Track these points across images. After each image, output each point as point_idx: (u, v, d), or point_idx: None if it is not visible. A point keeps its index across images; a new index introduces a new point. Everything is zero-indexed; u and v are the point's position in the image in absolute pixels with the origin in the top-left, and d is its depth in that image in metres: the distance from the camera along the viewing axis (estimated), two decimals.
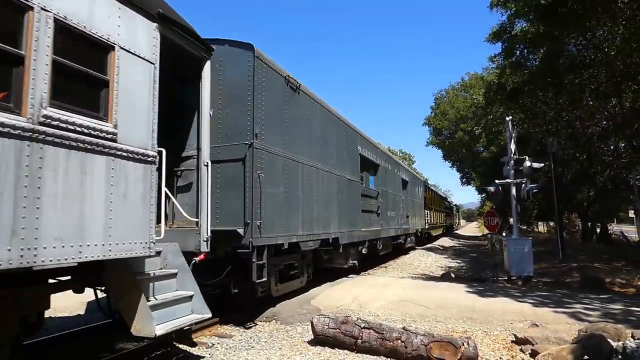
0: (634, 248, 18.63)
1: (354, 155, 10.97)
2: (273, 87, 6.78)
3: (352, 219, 10.29)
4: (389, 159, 15.31)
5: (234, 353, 5.13)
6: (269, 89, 6.58)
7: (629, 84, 15.13)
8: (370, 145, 12.79)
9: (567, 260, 16.50)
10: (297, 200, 7.38)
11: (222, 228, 5.83)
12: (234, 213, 5.93)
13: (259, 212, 6.07)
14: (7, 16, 3.06)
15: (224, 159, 6.12)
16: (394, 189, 15.30)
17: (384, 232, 13.36)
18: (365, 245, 11.47)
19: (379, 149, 13.80)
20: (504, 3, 15.25)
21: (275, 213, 6.62)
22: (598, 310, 6.83)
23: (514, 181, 12.05)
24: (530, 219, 36.73)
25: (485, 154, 32.05)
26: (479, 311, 6.92)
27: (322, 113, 8.93)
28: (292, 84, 7.49)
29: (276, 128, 6.83)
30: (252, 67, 6.16)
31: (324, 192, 8.65)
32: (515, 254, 11.20)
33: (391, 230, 14.51)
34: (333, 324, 5.17)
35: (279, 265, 7.26)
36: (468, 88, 38.05)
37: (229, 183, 6.07)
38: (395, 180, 15.95)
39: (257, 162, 6.08)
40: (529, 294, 8.43)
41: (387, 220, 13.79)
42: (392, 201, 14.75)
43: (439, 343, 4.51)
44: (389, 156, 15.50)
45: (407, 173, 18.85)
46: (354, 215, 10.44)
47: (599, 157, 21.44)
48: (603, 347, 4.39)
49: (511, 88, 17.60)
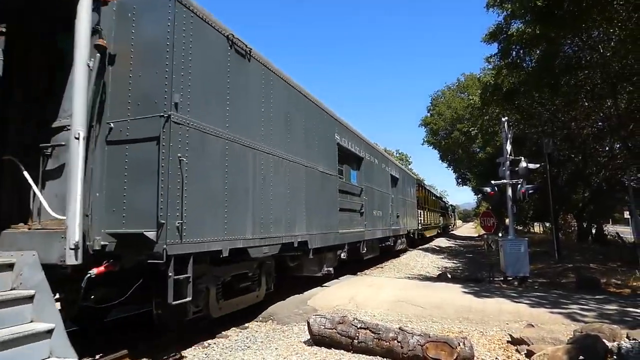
0: (629, 249, 18.70)
1: (330, 145, 9.42)
2: (208, 47, 5.25)
3: (327, 219, 8.85)
4: (375, 153, 13.74)
5: (230, 353, 5.11)
6: (200, 48, 5.05)
7: (624, 85, 15.21)
8: (352, 134, 11.21)
9: (562, 260, 16.57)
10: (245, 195, 5.81)
11: (128, 231, 4.40)
12: (143, 210, 4.38)
13: (180, 209, 4.47)
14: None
15: (133, 138, 4.55)
16: (381, 186, 13.84)
17: (369, 234, 11.95)
18: (344, 249, 10.01)
19: (362, 140, 12.16)
20: (500, 3, 15.31)
21: (208, 211, 5.01)
22: (594, 311, 6.85)
23: (510, 182, 12.08)
24: (526, 219, 36.89)
25: (481, 154, 32.14)
26: (475, 311, 6.93)
27: (285, 90, 7.36)
28: (239, 48, 5.88)
29: (212, 100, 5.25)
30: (172, 15, 4.61)
31: (288, 186, 7.16)
32: (511, 254, 11.23)
33: (378, 231, 13.10)
34: (329, 324, 5.16)
35: (222, 277, 5.83)
36: (464, 89, 38.19)
37: (138, 170, 4.49)
38: (383, 177, 14.47)
39: (177, 141, 4.53)
40: (525, 295, 8.45)
41: (372, 220, 12.45)
42: (379, 199, 13.38)
43: (435, 343, 4.51)
44: (375, 149, 13.79)
45: (397, 169, 17.28)
46: (329, 215, 8.96)
47: (594, 158, 21.55)
48: (598, 347, 4.40)
49: (507, 89, 17.66)
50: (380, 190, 13.70)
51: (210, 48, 5.31)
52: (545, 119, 20.25)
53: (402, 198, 17.57)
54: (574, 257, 18.13)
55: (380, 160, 14.11)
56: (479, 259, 20.07)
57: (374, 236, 12.64)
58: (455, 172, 46.63)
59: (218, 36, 5.50)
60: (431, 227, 30.26)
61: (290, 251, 7.39)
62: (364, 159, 11.96)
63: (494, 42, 17.15)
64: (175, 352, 5.13)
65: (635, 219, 11.74)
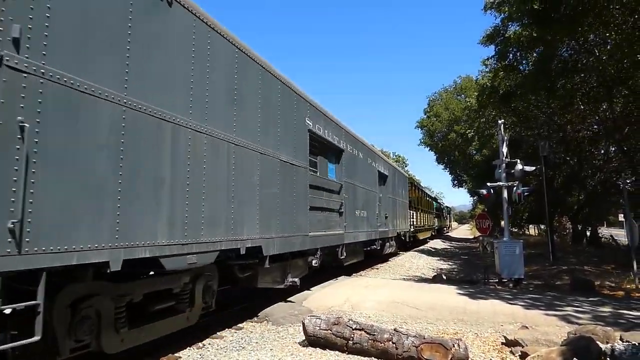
0: (623, 251, 18.79)
1: (299, 132, 7.83)
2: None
3: (292, 220, 7.33)
4: (359, 145, 12.11)
5: (224, 354, 5.10)
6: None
7: (619, 88, 15.29)
8: (329, 122, 9.55)
9: (557, 263, 16.63)
10: (155, 185, 4.27)
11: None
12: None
13: (19, 201, 2.97)
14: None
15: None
16: (366, 183, 12.38)
17: (349, 237, 10.48)
18: (317, 255, 8.51)
19: (343, 129, 10.55)
20: (497, 6, 15.35)
21: (84, 206, 3.50)
22: (587, 313, 6.88)
23: (506, 184, 12.12)
24: (522, 221, 36.98)
25: (478, 156, 32.23)
26: (470, 313, 6.95)
27: (231, 54, 5.74)
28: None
29: (94, 46, 3.67)
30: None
31: (232, 177, 5.60)
32: (506, 256, 11.26)
33: (361, 233, 11.64)
34: (324, 325, 5.15)
35: (126, 297, 4.30)
36: (461, 91, 38.36)
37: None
38: (369, 173, 12.97)
39: (15, 98, 2.99)
40: (520, 296, 8.48)
41: (355, 221, 11.07)
42: (363, 198, 11.96)
43: (429, 344, 4.52)
44: (358, 141, 12.08)
45: (386, 166, 15.72)
46: (295, 215, 7.43)
47: (589, 161, 21.67)
48: (592, 349, 4.42)
49: (504, 91, 17.72)
50: (365, 188, 12.29)
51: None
52: (542, 122, 20.34)
53: (391, 197, 16.17)
54: (569, 260, 18.20)
55: (365, 154, 12.62)
56: (474, 261, 20.12)
57: (356, 239, 11.20)
58: (452, 174, 46.80)
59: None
60: (425, 229, 28.80)
61: (238, 259, 6.02)
62: (344, 151, 10.48)
63: (491, 44, 17.20)
64: (169, 352, 5.11)
65: (629, 222, 11.79)
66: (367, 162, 12.86)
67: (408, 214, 20.56)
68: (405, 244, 20.76)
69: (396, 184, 17.47)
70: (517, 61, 17.00)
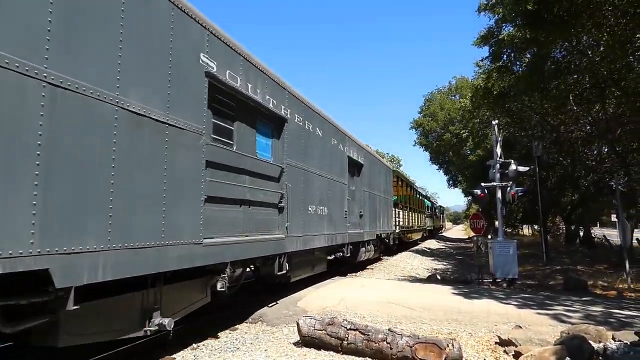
0: (616, 251, 18.94)
1: (188, 74, 4.89)
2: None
3: (154, 217, 4.22)
4: (316, 118, 9.06)
5: (218, 355, 5.09)
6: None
7: (612, 90, 15.41)
8: (256, 71, 6.48)
9: (551, 263, 16.75)
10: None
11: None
12: None
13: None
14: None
15: None
16: (328, 170, 9.54)
17: (295, 242, 7.59)
18: (225, 274, 5.50)
19: (285, 90, 7.55)
20: (491, 7, 15.44)
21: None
22: (580, 313, 6.94)
23: (500, 184, 12.20)
24: (516, 222, 37.22)
25: (472, 157, 32.39)
26: (464, 313, 6.98)
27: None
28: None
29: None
30: None
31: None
32: (500, 256, 11.33)
33: (319, 237, 8.79)
34: (319, 326, 5.16)
35: None
36: (456, 91, 38.53)
37: None
38: (334, 157, 10.02)
39: None
40: (514, 296, 8.53)
41: (306, 220, 8.19)
42: (322, 189, 9.13)
43: (424, 344, 4.54)
44: (315, 112, 9.02)
45: (360, 152, 12.55)
46: (165, 208, 4.35)
47: (582, 162, 21.83)
48: (584, 348, 4.46)
49: (497, 92, 17.81)
50: (326, 177, 9.45)
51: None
52: (535, 123, 20.49)
53: (368, 192, 13.30)
54: (562, 260, 18.34)
55: (327, 132, 9.64)
56: (469, 261, 20.21)
57: (308, 245, 8.26)
58: (446, 174, 46.98)
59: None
60: (414, 230, 25.99)
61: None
62: (287, 120, 7.50)
63: (485, 45, 17.29)
64: (164, 354, 5.10)
65: (621, 222, 11.90)
66: (331, 143, 9.91)
67: (392, 213, 17.71)
68: (390, 247, 18.12)
69: (375, 176, 14.63)
70: (510, 62, 17.10)
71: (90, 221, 3.52)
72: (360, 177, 12.63)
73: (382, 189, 15.69)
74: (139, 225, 4.03)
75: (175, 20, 4.70)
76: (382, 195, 15.53)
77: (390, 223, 16.95)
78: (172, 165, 4.54)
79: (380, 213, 14.97)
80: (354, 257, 12.10)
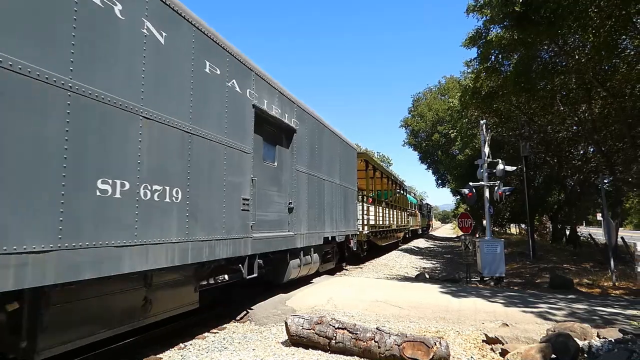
0: (601, 250, 19.24)
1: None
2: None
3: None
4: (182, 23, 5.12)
5: (206, 354, 5.06)
6: None
7: (598, 90, 15.62)
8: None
9: (538, 261, 16.95)
10: None
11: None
12: None
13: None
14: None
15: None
16: (217, 128, 5.77)
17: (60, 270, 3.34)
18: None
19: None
20: (479, 9, 15.55)
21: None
22: (565, 310, 7.03)
23: (488, 183, 12.30)
24: (503, 221, 37.57)
25: (460, 156, 32.63)
26: (452, 311, 7.02)
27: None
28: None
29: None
30: None
31: None
32: (487, 255, 11.42)
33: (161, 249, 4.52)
34: (307, 325, 5.15)
35: None
36: (445, 91, 38.79)
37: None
38: (216, 98, 5.81)
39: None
40: (501, 295, 8.60)
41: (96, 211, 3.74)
42: (172, 154, 4.85)
43: (411, 343, 4.55)
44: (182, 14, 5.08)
45: (293, 110, 8.53)
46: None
47: (569, 161, 22.11)
48: (570, 345, 4.51)
49: (486, 92, 17.95)
50: (214, 139, 5.71)
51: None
52: (523, 123, 20.69)
53: (307, 174, 9.19)
54: (549, 258, 18.56)
55: (202, 50, 5.53)
56: (457, 260, 20.36)
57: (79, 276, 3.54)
58: (435, 174, 47.28)
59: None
60: (392, 231, 21.63)
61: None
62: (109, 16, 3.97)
63: (474, 46, 17.41)
64: (150, 353, 5.06)
65: (607, 221, 12.07)
66: (209, 72, 5.67)
67: (356, 208, 13.82)
68: (356, 254, 14.39)
69: (323, 152, 10.33)
70: (498, 63, 17.24)
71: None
72: (291, 149, 8.49)
73: (339, 173, 11.45)
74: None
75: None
76: (338, 183, 11.35)
77: (353, 221, 12.91)
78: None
79: (334, 207, 10.96)
80: (276, 275, 8.15)
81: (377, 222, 17.88)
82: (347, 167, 12.49)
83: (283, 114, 7.98)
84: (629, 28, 12.64)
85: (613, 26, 12.60)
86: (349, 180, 12.56)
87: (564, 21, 12.57)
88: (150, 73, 4.52)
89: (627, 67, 13.95)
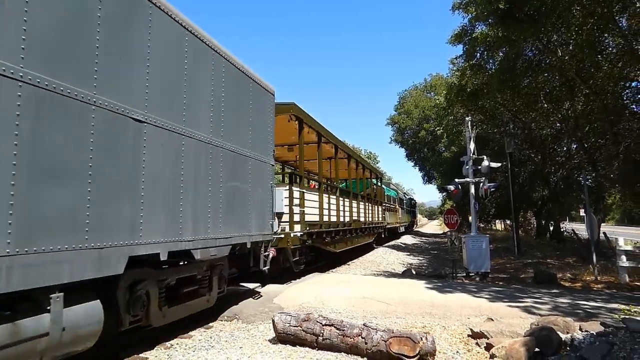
0: (584, 245, 19.56)
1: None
2: None
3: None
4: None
5: (193, 353, 5.03)
6: None
7: (581, 88, 15.85)
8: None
9: (522, 256, 17.19)
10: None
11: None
12: None
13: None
14: None
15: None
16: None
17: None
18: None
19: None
20: (465, 6, 15.66)
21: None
22: (549, 304, 7.13)
23: (473, 180, 12.42)
24: (488, 217, 37.96)
25: (446, 153, 32.89)
26: (438, 307, 7.08)
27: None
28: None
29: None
30: None
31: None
32: (473, 250, 11.54)
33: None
34: (294, 322, 5.15)
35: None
36: (431, 88, 39.04)
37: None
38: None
39: None
40: (486, 290, 8.70)
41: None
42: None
43: (398, 338, 4.58)
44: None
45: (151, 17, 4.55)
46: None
47: (552, 158, 22.41)
48: (553, 339, 4.57)
49: (471, 90, 18.10)
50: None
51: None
52: (507, 120, 20.92)
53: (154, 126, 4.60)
54: (533, 253, 18.83)
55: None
56: (443, 256, 20.54)
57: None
58: (422, 171, 47.60)
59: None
60: (356, 231, 16.10)
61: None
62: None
63: (460, 43, 17.54)
64: (134, 353, 5.00)
65: (589, 217, 12.28)
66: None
67: (282, 195, 9.63)
68: (290, 267, 10.11)
69: (194, 87, 5.44)
70: (483, 60, 17.40)
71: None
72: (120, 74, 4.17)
73: (233, 131, 6.48)
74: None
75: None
76: (240, 151, 6.68)
77: (268, 217, 7.68)
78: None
79: (221, 193, 6.09)
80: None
81: (326, 219, 12.30)
82: (255, 121, 7.31)
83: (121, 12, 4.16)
84: (610, 26, 12.83)
85: (595, 24, 12.79)
86: (259, 147, 7.44)
87: (547, 19, 12.73)
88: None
89: (609, 65, 14.17)
